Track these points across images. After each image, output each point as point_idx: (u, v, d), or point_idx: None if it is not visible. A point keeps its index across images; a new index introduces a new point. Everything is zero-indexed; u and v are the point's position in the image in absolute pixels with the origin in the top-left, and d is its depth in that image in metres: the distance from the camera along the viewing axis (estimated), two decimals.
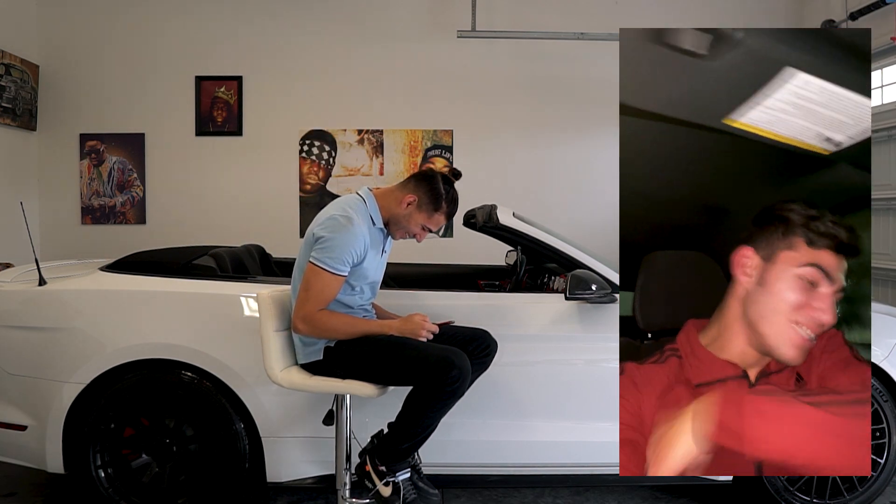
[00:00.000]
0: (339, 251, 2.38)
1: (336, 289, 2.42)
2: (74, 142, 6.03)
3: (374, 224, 2.53)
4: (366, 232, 2.45)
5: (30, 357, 2.80)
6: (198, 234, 5.49)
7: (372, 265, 2.53)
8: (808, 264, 1.89)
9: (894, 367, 2.90)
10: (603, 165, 6.00)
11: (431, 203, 2.52)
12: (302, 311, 2.40)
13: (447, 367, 2.28)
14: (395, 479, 2.40)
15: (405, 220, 2.54)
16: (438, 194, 2.52)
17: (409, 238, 2.60)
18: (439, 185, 2.53)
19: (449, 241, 6.12)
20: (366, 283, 2.55)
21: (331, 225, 2.42)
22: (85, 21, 6.00)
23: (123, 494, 2.78)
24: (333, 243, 2.38)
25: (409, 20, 6.13)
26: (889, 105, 5.34)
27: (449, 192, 2.55)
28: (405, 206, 2.53)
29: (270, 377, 2.45)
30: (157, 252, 3.46)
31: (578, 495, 3.22)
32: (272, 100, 6.09)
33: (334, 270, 2.38)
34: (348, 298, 2.52)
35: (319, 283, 2.39)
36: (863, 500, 2.94)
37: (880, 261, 5.17)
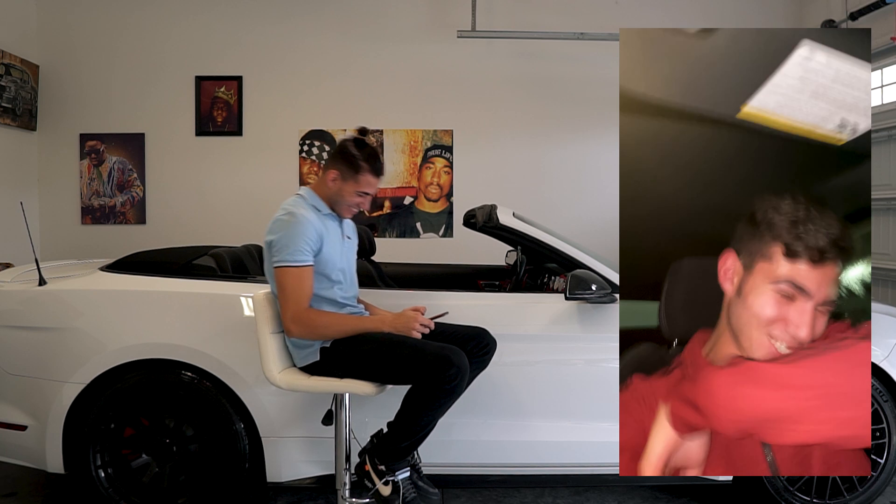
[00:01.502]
0: (293, 244, 2.40)
1: (308, 280, 2.44)
2: (74, 142, 6.04)
3: (321, 212, 2.56)
4: (313, 219, 2.48)
5: (30, 357, 2.80)
6: (198, 234, 5.50)
7: (335, 250, 2.55)
8: (784, 281, 1.83)
9: (894, 367, 2.90)
10: (603, 165, 6.00)
11: (350, 168, 2.54)
12: (289, 313, 2.41)
13: (445, 366, 2.29)
14: (395, 479, 2.40)
15: (339, 195, 2.57)
16: (352, 157, 2.54)
17: (357, 211, 2.62)
18: (350, 149, 2.56)
19: (449, 241, 6.12)
20: (338, 271, 2.55)
21: (276, 227, 2.46)
22: (85, 21, 6.00)
23: (123, 494, 2.78)
24: (284, 240, 2.41)
25: (409, 20, 6.13)
26: (889, 105, 5.34)
27: (363, 150, 2.56)
28: (331, 183, 2.56)
29: (269, 379, 2.44)
30: (157, 252, 3.46)
31: (578, 495, 3.22)
32: (272, 100, 6.09)
33: (297, 263, 2.40)
34: (330, 292, 2.53)
35: (290, 281, 2.40)
36: (863, 500, 2.93)
37: (880, 261, 5.17)
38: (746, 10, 6.17)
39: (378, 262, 3.85)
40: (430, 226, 6.20)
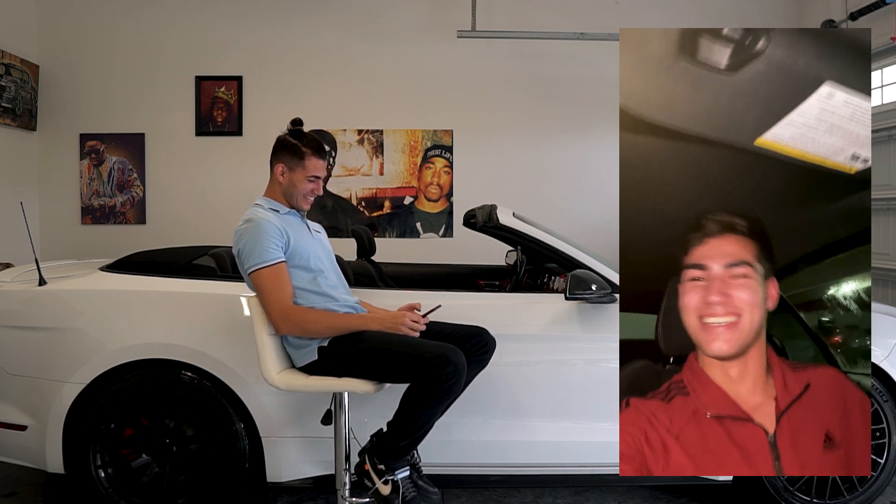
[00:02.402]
0: (259, 245, 2.42)
1: (285, 276, 2.45)
2: (74, 142, 6.03)
3: (281, 212, 2.59)
4: (272, 218, 2.50)
5: (30, 357, 2.80)
6: (198, 234, 5.49)
7: (305, 241, 2.57)
8: (686, 267, 1.99)
9: (894, 367, 2.90)
10: (603, 165, 6.00)
11: (295, 157, 2.58)
12: (274, 313, 2.42)
13: (442, 364, 2.28)
14: (395, 478, 2.40)
15: (291, 186, 2.60)
16: (293, 145, 2.58)
17: (313, 198, 2.64)
18: (288, 139, 2.61)
19: (449, 241, 6.12)
20: (315, 260, 2.55)
21: (239, 237, 2.49)
22: (85, 21, 6.00)
23: (123, 494, 2.78)
24: (249, 244, 2.44)
25: (409, 20, 6.13)
26: (889, 105, 5.34)
27: (302, 138, 2.60)
28: (281, 177, 2.61)
29: (267, 380, 2.44)
30: (157, 252, 3.46)
31: (578, 495, 3.22)
32: (272, 100, 6.09)
33: (268, 262, 2.42)
34: (313, 284, 2.53)
35: (267, 281, 2.42)
36: (863, 500, 2.93)
37: (880, 261, 5.17)
38: (746, 10, 6.17)
39: (378, 262, 3.85)
40: (430, 226, 6.20)
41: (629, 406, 2.03)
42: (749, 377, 2.01)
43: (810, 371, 2.04)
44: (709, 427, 1.99)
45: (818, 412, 2.01)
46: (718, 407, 2.00)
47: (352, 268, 3.36)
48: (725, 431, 2.00)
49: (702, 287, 1.98)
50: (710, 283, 1.97)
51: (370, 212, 6.16)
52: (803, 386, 2.02)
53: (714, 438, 1.99)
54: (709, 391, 2.00)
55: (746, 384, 2.01)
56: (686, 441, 1.99)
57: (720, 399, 2.00)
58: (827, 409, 2.01)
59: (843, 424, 2.01)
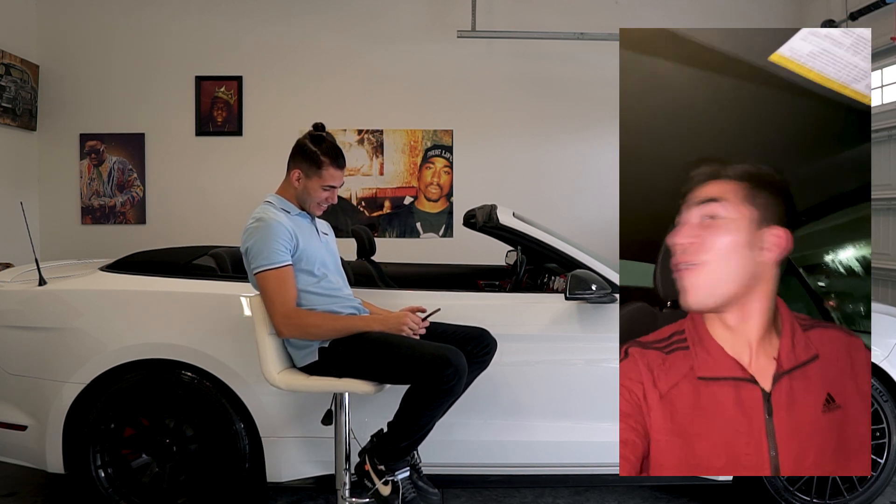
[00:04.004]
0: (268, 247, 2.42)
1: (290, 279, 2.45)
2: (74, 142, 6.03)
3: (292, 213, 2.58)
4: (283, 220, 2.50)
5: (30, 357, 2.80)
6: (198, 234, 5.49)
7: (313, 245, 2.56)
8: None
9: (894, 367, 2.90)
10: (603, 165, 6.00)
11: (312, 165, 2.56)
12: (277, 315, 2.41)
13: (443, 366, 2.29)
14: (395, 478, 2.40)
15: (305, 193, 2.59)
16: (312, 153, 2.56)
17: (327, 206, 2.64)
18: (308, 145, 2.58)
19: (449, 241, 6.12)
20: (319, 265, 2.55)
21: (248, 235, 2.49)
22: (85, 21, 6.00)
23: (123, 494, 2.78)
24: (258, 244, 2.43)
25: (409, 20, 6.13)
26: (889, 105, 5.34)
27: (322, 145, 2.58)
28: (296, 182, 2.59)
29: (268, 380, 2.44)
30: (157, 252, 3.46)
31: (578, 495, 3.22)
32: (272, 100, 6.09)
33: (275, 264, 2.42)
34: (317, 287, 2.53)
35: (272, 283, 2.42)
36: (863, 500, 2.94)
37: (880, 261, 5.17)
38: (746, 10, 6.17)
39: (378, 262, 3.85)
40: (430, 226, 6.20)
41: (628, 356, 1.98)
42: (749, 329, 1.93)
43: (820, 332, 1.97)
44: (703, 386, 1.93)
45: (823, 380, 1.93)
46: (712, 366, 1.93)
47: (352, 268, 3.36)
48: (714, 393, 1.93)
49: (675, 231, 1.95)
50: (681, 226, 1.94)
51: (370, 212, 6.16)
52: (812, 353, 1.94)
53: (707, 399, 1.93)
54: (705, 345, 1.95)
55: (745, 336, 1.93)
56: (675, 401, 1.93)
57: (716, 355, 1.94)
58: (832, 374, 1.93)
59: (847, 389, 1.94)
